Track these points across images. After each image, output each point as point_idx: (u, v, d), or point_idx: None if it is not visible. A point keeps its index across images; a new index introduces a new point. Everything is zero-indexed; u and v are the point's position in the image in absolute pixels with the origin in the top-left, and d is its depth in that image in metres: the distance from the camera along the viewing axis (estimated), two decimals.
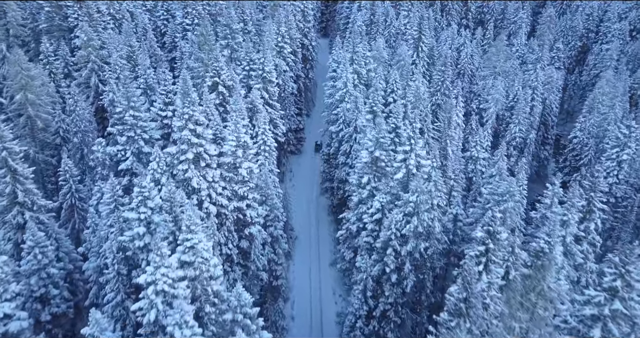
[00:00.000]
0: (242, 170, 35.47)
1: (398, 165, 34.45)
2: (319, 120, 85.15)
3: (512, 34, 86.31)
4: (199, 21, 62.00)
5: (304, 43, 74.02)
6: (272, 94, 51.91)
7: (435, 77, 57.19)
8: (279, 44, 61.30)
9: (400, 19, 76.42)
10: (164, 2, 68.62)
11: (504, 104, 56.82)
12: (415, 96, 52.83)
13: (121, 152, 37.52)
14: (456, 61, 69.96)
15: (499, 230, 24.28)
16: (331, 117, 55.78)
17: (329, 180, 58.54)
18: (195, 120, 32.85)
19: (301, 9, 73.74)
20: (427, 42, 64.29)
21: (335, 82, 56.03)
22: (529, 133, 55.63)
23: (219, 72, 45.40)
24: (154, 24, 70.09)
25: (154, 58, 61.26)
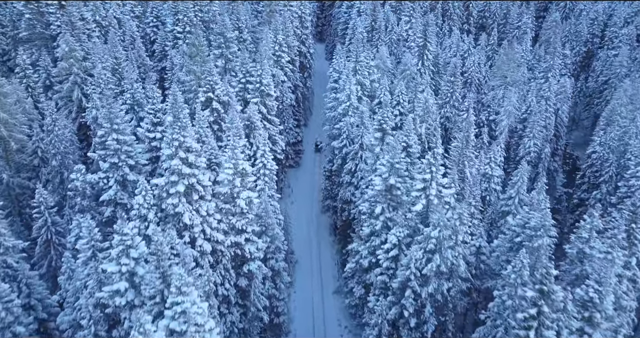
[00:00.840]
0: (240, 200, 30.99)
1: (416, 195, 30.15)
2: (317, 129, 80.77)
3: (516, 39, 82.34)
4: (191, 29, 57.41)
5: (301, 50, 69.55)
6: (271, 108, 47.44)
7: (444, 89, 52.95)
8: (276, 53, 56.81)
9: (402, 25, 72.22)
10: (153, 9, 63.81)
11: (516, 116, 52.73)
12: (424, 109, 48.61)
13: (103, 180, 32.88)
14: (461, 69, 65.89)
15: (553, 290, 20.02)
16: (333, 131, 51.38)
17: (330, 198, 54.13)
18: (186, 147, 28.33)
19: (298, 14, 69.26)
20: (433, 49, 60.12)
21: (337, 94, 51.65)
22: (543, 147, 51.58)
23: (212, 86, 40.86)
24: (143, 32, 65.24)
25: (142, 68, 56.60)
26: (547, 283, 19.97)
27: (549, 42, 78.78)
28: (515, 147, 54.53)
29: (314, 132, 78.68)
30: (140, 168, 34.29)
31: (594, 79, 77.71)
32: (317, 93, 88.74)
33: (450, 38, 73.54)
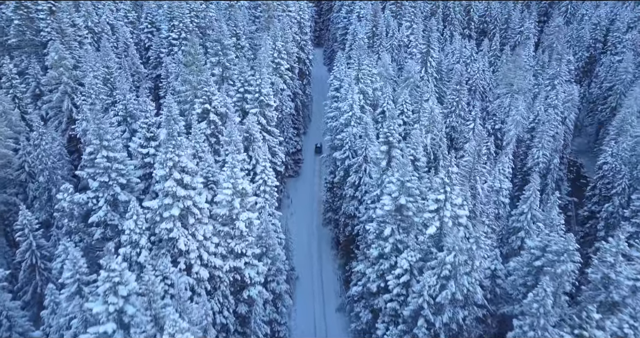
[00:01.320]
0: (240, 223, 28.59)
1: (429, 217, 27.86)
2: (316, 137, 78.50)
3: (518, 45, 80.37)
4: (187, 35, 55.04)
5: (300, 57, 67.27)
6: (271, 119, 45.07)
7: (449, 97, 50.73)
8: (275, 60, 54.46)
9: (403, 30, 70.06)
10: (148, 14, 61.36)
11: (524, 125, 50.57)
12: (429, 119, 46.38)
13: (93, 200, 30.40)
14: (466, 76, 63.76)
15: (596, 336, 17.76)
16: (335, 142, 49.03)
17: (332, 210, 51.77)
18: (181, 167, 25.91)
19: (297, 20, 66.98)
20: (436, 56, 57.96)
21: (339, 104, 49.34)
22: (552, 158, 49.44)
23: (209, 97, 38.45)
24: (137, 38, 62.83)
25: (136, 76, 54.18)
26: (588, 328, 17.73)
27: (552, 47, 77.04)
28: (523, 157, 52.41)
29: (313, 140, 76.45)
30: (132, 186, 31.82)
31: (598, 85, 75.79)
32: (316, 99, 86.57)
33: (453, 44, 71.51)
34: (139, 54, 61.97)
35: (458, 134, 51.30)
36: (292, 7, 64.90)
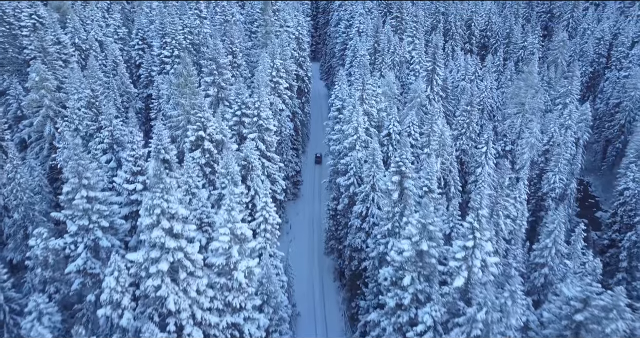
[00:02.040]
0: (239, 273, 24.60)
1: (456, 265, 24.05)
2: (314, 153, 74.78)
3: (521, 60, 77.48)
4: (180, 53, 51.26)
5: (298, 74, 63.73)
6: (270, 144, 41.27)
7: (459, 119, 47.21)
8: (273, 79, 50.81)
9: (404, 46, 66.76)
10: (139, 30, 57.62)
11: (538, 148, 47.13)
12: (440, 143, 42.84)
13: (70, 246, 26.33)
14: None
15: None
16: (339, 166, 45.26)
17: (335, 239, 47.78)
18: (171, 214, 21.96)
19: (295, 35, 63.50)
20: (442, 73, 54.58)
21: (342, 126, 45.63)
22: (569, 182, 45.97)
23: (204, 123, 34.57)
24: (128, 55, 59.02)
25: (125, 96, 50.34)
26: None
27: (557, 62, 74.13)
28: (536, 180, 48.91)
29: (311, 159, 72.74)
30: (116, 228, 27.79)
31: (604, 101, 72.82)
32: (313, 114, 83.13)
33: (455, 59, 68.38)
34: (130, 72, 58.15)
35: (469, 157, 47.75)
36: (290, 22, 61.44)
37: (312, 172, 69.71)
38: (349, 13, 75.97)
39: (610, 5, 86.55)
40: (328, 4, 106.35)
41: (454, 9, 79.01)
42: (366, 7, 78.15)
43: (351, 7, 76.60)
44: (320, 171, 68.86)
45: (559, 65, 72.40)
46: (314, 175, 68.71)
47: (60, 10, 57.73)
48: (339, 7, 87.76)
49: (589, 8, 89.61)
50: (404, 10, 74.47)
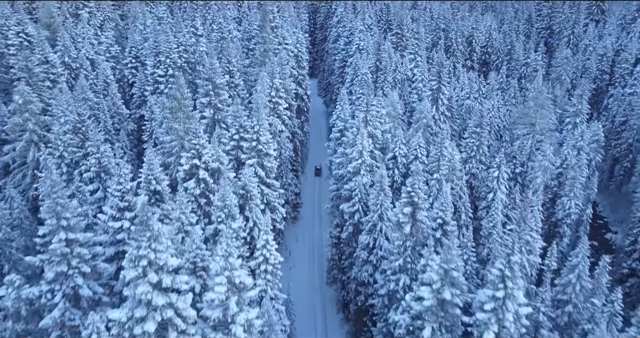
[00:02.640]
0: (237, 327, 21.37)
1: (484, 318, 20.98)
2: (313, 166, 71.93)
3: (524, 77, 75.33)
4: (174, 72, 48.47)
5: (297, 92, 61.04)
6: (270, 170, 38.25)
7: (468, 141, 44.42)
8: (272, 99, 48.00)
9: (406, 64, 64.37)
10: (132, 48, 54.86)
11: (552, 171, 44.36)
12: (450, 167, 39.99)
13: (46, 295, 23.04)
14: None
15: None
16: (342, 192, 42.22)
17: (338, 269, 44.58)
18: (159, 265, 18.81)
19: (294, 53, 60.96)
20: (447, 92, 51.98)
21: (345, 149, 42.73)
22: (585, 208, 43.14)
23: (199, 151, 31.53)
24: (120, 73, 56.18)
25: (117, 117, 47.35)
26: None
27: (561, 79, 72.02)
28: (549, 205, 46.06)
29: (311, 178, 69.92)
30: (100, 272, 24.55)
31: (609, 118, 70.43)
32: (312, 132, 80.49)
33: (457, 76, 66.01)
34: (122, 91, 55.29)
35: (479, 181, 44.89)
36: (289, 39, 58.93)
37: (312, 189, 67.17)
38: (348, 30, 73.68)
39: (611, 21, 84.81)
40: (326, 20, 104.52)
41: (454, 25, 76.96)
42: (365, 24, 75.93)
43: (350, 23, 74.30)
44: (320, 185, 67.41)
45: (563, 83, 70.22)
46: (313, 191, 66.43)
47: (50, 27, 54.97)
48: (337, 24, 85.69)
49: (588, 24, 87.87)
50: (405, 26, 72.28)
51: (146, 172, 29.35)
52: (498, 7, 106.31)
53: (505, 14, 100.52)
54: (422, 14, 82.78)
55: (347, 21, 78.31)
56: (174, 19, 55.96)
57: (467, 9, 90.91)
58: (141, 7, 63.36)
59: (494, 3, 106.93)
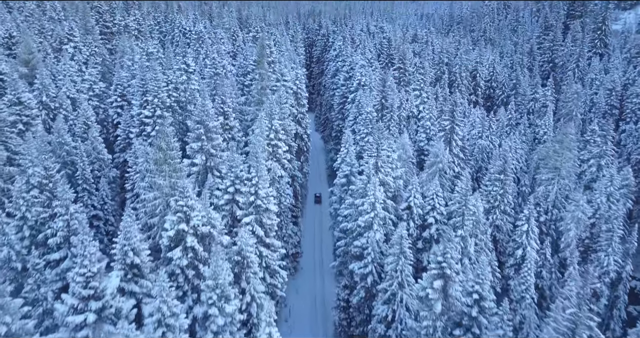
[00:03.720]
0: None
1: None
2: (313, 217, 66.87)
3: (531, 113, 71.30)
4: (163, 112, 43.45)
5: (297, 132, 56.20)
6: (270, 227, 32.71)
7: (490, 189, 39.39)
8: (272, 142, 42.95)
9: (411, 100, 60.11)
10: (118, 86, 49.95)
11: (585, 222, 39.21)
12: (474, 221, 34.76)
13: None
14: (488, 155, 53.21)
15: None
16: (352, 249, 36.67)
17: (348, 336, 38.59)
18: None
19: (293, 90, 56.44)
20: (462, 133, 47.29)
21: (355, 200, 37.43)
22: (625, 264, 37.86)
23: (187, 213, 26.05)
24: (105, 113, 51.11)
25: (97, 164, 41.88)
26: None
27: (571, 115, 67.96)
28: (580, 260, 40.71)
29: (310, 224, 64.38)
30: None
31: (622, 155, 66.12)
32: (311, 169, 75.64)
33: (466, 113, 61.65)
34: (106, 132, 50.19)
35: (503, 234, 39.66)
36: (287, 75, 54.45)
37: (312, 221, 62.53)
38: (348, 64, 69.67)
39: (616, 55, 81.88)
40: (322, 54, 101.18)
41: (458, 59, 73.33)
42: (366, 58, 72.12)
43: (350, 58, 70.36)
44: (321, 214, 64.05)
45: (574, 119, 66.15)
46: (314, 223, 61.97)
47: (29, 64, 50.09)
48: (335, 58, 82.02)
49: (592, 58, 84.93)
50: (407, 61, 68.48)
51: (122, 241, 23.80)
52: (497, 40, 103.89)
53: (504, 46, 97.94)
54: (424, 47, 79.32)
55: (347, 55, 74.52)
56: (164, 54, 51.46)
57: (469, 42, 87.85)
58: (130, 41, 58.86)
59: (493, 36, 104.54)
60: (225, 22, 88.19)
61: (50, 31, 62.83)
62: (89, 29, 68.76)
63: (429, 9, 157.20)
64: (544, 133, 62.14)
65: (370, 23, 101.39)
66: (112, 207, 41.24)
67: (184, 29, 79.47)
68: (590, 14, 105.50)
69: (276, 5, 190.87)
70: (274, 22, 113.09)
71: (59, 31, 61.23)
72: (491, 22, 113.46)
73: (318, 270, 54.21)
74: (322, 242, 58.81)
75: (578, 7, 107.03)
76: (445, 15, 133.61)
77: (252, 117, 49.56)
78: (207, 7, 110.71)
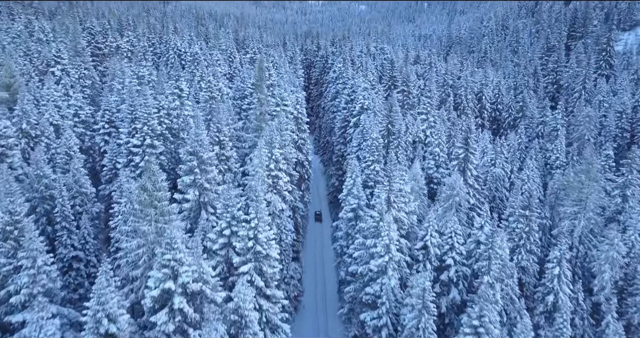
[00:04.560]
0: None
1: None
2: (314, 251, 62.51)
3: (540, 137, 67.87)
4: (153, 141, 39.42)
5: (298, 158, 52.21)
6: (271, 276, 28.30)
7: (514, 226, 35.32)
8: (272, 173, 38.87)
9: (418, 125, 56.48)
10: (105, 111, 45.97)
11: (620, 262, 35.08)
12: (501, 266, 30.58)
13: None
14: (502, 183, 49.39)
15: None
16: (363, 296, 32.33)
17: None
18: None
19: (294, 115, 52.70)
20: (476, 162, 43.48)
21: (365, 240, 33.23)
22: None
23: (175, 269, 21.73)
24: (92, 140, 47.01)
25: (79, 198, 37.61)
26: None
27: (583, 139, 64.52)
28: (621, 308, 36.42)
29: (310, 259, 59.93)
30: None
31: None
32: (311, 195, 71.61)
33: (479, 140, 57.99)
34: (92, 161, 46.09)
35: (530, 276, 35.44)
36: (287, 100, 50.73)
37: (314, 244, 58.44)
38: (349, 87, 66.19)
39: (623, 76, 79.18)
40: (321, 75, 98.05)
41: (463, 81, 70.11)
42: (368, 80, 68.73)
43: (352, 80, 66.95)
44: (322, 237, 60.46)
45: (587, 144, 62.64)
46: (315, 245, 58.18)
47: (10, 88, 46.13)
48: (335, 80, 78.63)
49: (597, 79, 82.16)
50: (411, 83, 65.17)
51: (95, 307, 19.48)
52: (498, 61, 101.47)
53: (505, 67, 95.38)
54: (427, 69, 76.20)
55: (347, 77, 71.15)
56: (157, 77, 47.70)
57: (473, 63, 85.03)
58: (120, 63, 55.13)
59: (494, 56, 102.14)
60: (222, 43, 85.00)
61: (37, 53, 59.10)
62: (79, 51, 65.16)
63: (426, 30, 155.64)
64: (556, 158, 58.66)
65: (370, 44, 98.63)
66: (95, 246, 36.76)
67: (179, 51, 76.11)
68: (591, 35, 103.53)
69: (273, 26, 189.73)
70: (272, 43, 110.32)
71: (46, 53, 57.51)
72: (491, 43, 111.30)
73: (321, 307, 49.56)
74: (324, 267, 54.87)
75: (579, 28, 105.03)
76: (443, 36, 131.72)
77: (250, 144, 45.62)
78: (204, 28, 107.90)
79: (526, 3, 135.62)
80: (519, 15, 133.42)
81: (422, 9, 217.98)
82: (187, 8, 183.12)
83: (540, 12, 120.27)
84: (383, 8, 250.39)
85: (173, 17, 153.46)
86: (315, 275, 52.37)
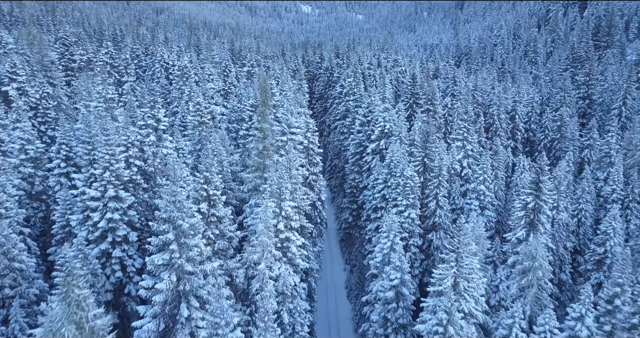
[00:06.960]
0: None
1: None
2: (326, 299, 51.58)
3: (586, 163, 57.06)
4: (117, 192, 27.78)
5: (310, 199, 40.80)
6: None
7: None
8: (281, 235, 27.47)
9: (453, 153, 45.44)
10: (62, 145, 34.25)
11: None
12: None
13: None
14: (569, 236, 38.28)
15: None
16: None
17: None
18: None
19: (304, 145, 41.37)
20: (550, 214, 32.23)
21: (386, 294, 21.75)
22: None
23: None
24: (44, 183, 35.27)
25: (9, 276, 25.82)
26: None
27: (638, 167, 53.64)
28: None
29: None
30: None
31: None
32: None
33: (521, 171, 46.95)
34: (43, 214, 34.36)
35: None
36: (295, 128, 39.31)
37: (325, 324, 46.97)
38: (365, 106, 54.96)
39: None
40: (325, 90, 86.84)
41: (495, 98, 59.16)
42: (385, 98, 57.72)
43: (369, 99, 55.78)
44: (335, 287, 51.69)
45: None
46: (328, 314, 47.11)
47: None
48: (344, 96, 67.39)
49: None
50: (437, 101, 54.20)
51: None
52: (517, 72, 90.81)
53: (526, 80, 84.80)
54: (449, 84, 65.21)
55: (360, 94, 60.06)
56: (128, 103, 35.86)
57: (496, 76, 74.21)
58: (87, 82, 43.37)
59: (512, 68, 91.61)
60: (215, 55, 73.67)
61: None
62: (47, 65, 53.59)
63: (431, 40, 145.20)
64: (612, 190, 47.77)
65: (381, 55, 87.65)
66: None
67: (165, 63, 64.69)
68: (617, 44, 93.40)
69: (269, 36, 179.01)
70: (270, 54, 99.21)
71: None
72: (506, 54, 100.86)
73: None
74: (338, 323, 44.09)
75: (603, 37, 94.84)
76: (451, 46, 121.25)
77: (250, 187, 34.25)
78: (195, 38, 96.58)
79: (538, 11, 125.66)
80: (529, 24, 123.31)
81: (422, 19, 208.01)
82: (180, 17, 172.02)
83: (556, 20, 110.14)
84: (381, 18, 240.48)
85: (166, 27, 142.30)
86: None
